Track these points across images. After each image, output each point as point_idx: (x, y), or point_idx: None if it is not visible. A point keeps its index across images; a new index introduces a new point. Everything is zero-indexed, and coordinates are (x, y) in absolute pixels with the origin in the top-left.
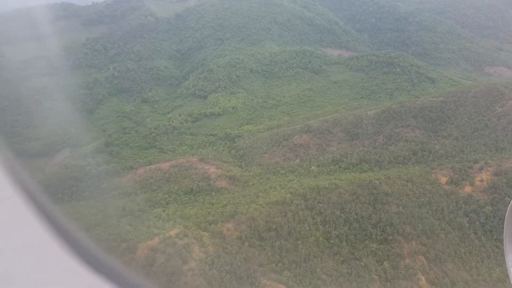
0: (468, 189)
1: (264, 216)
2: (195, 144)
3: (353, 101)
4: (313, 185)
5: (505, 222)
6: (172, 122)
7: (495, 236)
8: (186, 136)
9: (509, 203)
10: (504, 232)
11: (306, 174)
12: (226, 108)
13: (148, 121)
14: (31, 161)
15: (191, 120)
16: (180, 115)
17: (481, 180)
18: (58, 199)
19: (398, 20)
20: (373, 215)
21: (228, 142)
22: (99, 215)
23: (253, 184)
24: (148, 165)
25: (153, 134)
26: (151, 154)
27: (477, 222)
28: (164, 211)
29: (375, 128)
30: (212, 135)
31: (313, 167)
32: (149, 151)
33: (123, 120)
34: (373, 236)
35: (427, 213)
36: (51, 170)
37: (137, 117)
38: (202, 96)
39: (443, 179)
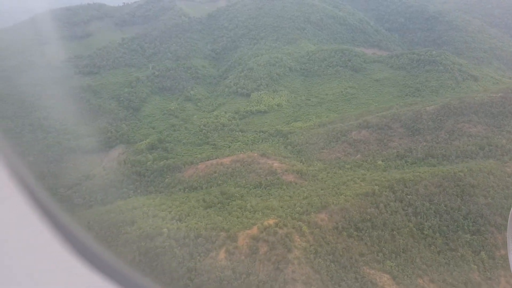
0: None
1: (356, 207)
2: (248, 140)
3: (397, 99)
4: (398, 177)
5: (508, 221)
6: (220, 119)
7: None
8: (236, 132)
9: None
10: (507, 230)
11: (373, 169)
12: (271, 106)
13: (195, 119)
14: (86, 157)
15: (238, 117)
16: (225, 113)
17: None
18: (124, 194)
19: (428, 19)
20: (462, 207)
21: (281, 139)
22: (184, 206)
23: (322, 178)
24: (207, 160)
25: (204, 131)
26: (205, 150)
27: None
28: (246, 203)
29: (436, 123)
30: (262, 132)
31: (379, 162)
32: (202, 147)
33: (169, 117)
34: (465, 227)
35: None
36: (110, 166)
37: (183, 114)
38: (245, 94)
39: None
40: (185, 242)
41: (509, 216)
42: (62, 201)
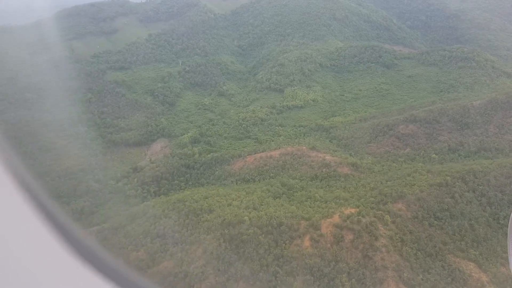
0: None
1: (432, 197)
2: (291, 134)
3: (432, 95)
4: (467, 168)
5: (509, 224)
6: (258, 114)
7: None
8: (276, 127)
9: None
10: (508, 233)
11: (427, 162)
12: (307, 101)
13: (232, 113)
14: (130, 150)
15: (276, 112)
16: (261, 108)
17: None
18: (175, 185)
19: (449, 18)
20: None
21: (323, 133)
22: (252, 196)
23: (380, 170)
24: (254, 153)
25: (243, 125)
26: (248, 144)
27: None
28: (313, 193)
29: (484, 117)
30: (302, 126)
31: (433, 155)
32: (244, 141)
33: (205, 112)
34: None
35: None
36: (156, 158)
37: (218, 109)
38: (278, 90)
39: None
40: (269, 230)
41: (510, 218)
42: (113, 193)
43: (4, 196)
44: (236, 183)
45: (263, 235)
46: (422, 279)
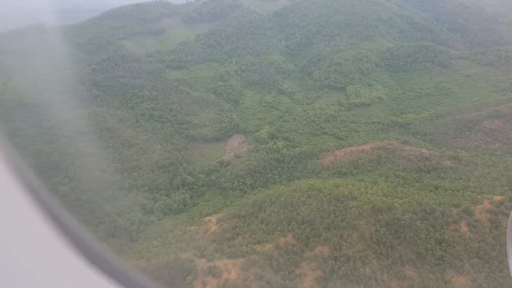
0: None
1: None
2: (369, 130)
3: (495, 94)
4: None
5: (508, 226)
6: (327, 111)
7: None
8: (349, 123)
9: None
10: (507, 236)
11: None
12: (372, 99)
13: (299, 111)
14: (208, 145)
15: (344, 109)
16: (327, 105)
17: None
18: (270, 179)
19: (487, 20)
20: None
21: (401, 129)
22: (379, 186)
23: (484, 163)
24: (341, 148)
25: (316, 122)
26: (327, 140)
27: None
28: (437, 183)
29: None
30: (375, 123)
31: None
32: (321, 137)
33: (270, 109)
34: None
35: None
36: (240, 153)
37: (282, 106)
38: (338, 88)
39: None
40: (423, 216)
41: (509, 220)
42: (206, 186)
43: (5, 195)
44: (333, 176)
45: (419, 221)
46: None
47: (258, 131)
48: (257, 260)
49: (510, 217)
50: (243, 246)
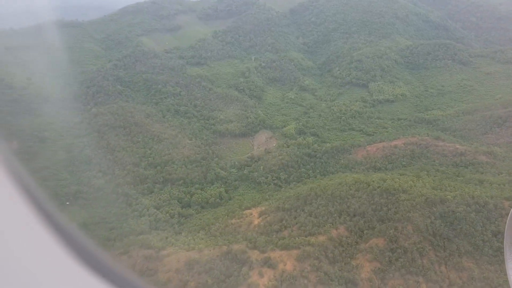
0: None
1: None
2: (397, 126)
3: None
4: None
5: (505, 229)
6: (352, 107)
7: None
8: (376, 120)
9: None
10: (504, 239)
11: None
12: (396, 96)
13: (323, 107)
14: (236, 140)
15: (369, 106)
16: (350, 102)
17: None
18: (303, 173)
19: (500, 19)
20: None
21: (428, 125)
22: (422, 180)
23: None
24: (372, 143)
25: (342, 118)
26: (355, 136)
27: None
28: (479, 177)
29: None
30: (402, 119)
31: None
32: (348, 133)
33: (293, 105)
34: None
35: None
36: (270, 148)
37: (305, 103)
38: (360, 85)
39: None
40: (477, 208)
41: (507, 222)
42: (239, 180)
43: (3, 196)
44: (368, 171)
45: (473, 213)
46: None
47: (284, 126)
48: (312, 252)
49: (508, 219)
50: (296, 238)
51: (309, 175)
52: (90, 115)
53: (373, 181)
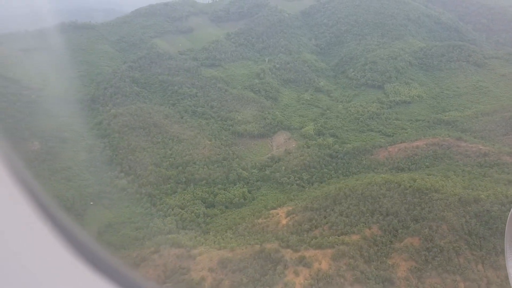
0: None
1: None
2: (416, 127)
3: None
4: None
5: (506, 228)
6: (369, 108)
7: None
8: (393, 121)
9: None
10: (505, 237)
11: None
12: (412, 97)
13: (340, 108)
14: (254, 141)
15: (386, 107)
16: (367, 103)
17: None
18: (326, 174)
19: (511, 21)
20: None
21: (448, 126)
22: (452, 179)
23: None
24: (393, 144)
25: (360, 119)
26: (375, 137)
27: None
28: (497, 177)
29: None
30: (420, 120)
31: None
32: (367, 134)
33: (310, 107)
34: None
35: None
36: (289, 149)
37: (321, 104)
38: (375, 86)
39: None
40: None
41: (507, 222)
42: (262, 180)
43: (4, 195)
44: (391, 172)
45: (508, 212)
46: None
47: (302, 127)
48: (347, 251)
49: (508, 219)
50: (329, 237)
51: (331, 175)
52: (109, 116)
53: (404, 181)
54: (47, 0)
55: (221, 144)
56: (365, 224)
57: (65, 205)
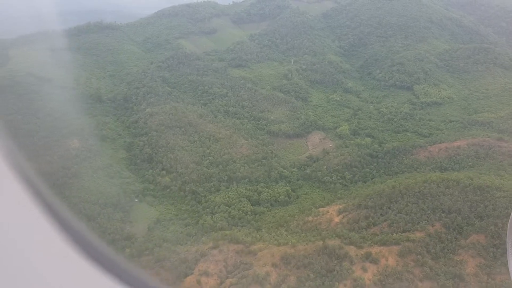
0: None
1: None
2: (453, 127)
3: None
4: None
5: (508, 227)
6: (402, 109)
7: None
8: (427, 122)
9: None
10: (507, 236)
11: None
12: (443, 98)
13: (372, 109)
14: (289, 141)
15: (418, 108)
16: (398, 104)
17: None
18: (367, 173)
19: None
20: None
21: (484, 127)
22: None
23: None
24: (433, 144)
25: (394, 119)
26: (411, 137)
27: None
28: None
29: None
30: (454, 121)
31: None
32: (403, 134)
33: (341, 107)
34: None
35: None
36: (328, 149)
37: (352, 105)
38: (404, 87)
39: None
40: None
41: (509, 221)
42: (303, 179)
43: (9, 194)
44: (434, 171)
45: None
46: None
47: (336, 128)
48: (414, 248)
49: (510, 218)
50: (393, 234)
51: (373, 175)
52: (145, 114)
53: (462, 179)
54: (61, 2)
55: (258, 143)
56: (427, 221)
57: (111, 202)
